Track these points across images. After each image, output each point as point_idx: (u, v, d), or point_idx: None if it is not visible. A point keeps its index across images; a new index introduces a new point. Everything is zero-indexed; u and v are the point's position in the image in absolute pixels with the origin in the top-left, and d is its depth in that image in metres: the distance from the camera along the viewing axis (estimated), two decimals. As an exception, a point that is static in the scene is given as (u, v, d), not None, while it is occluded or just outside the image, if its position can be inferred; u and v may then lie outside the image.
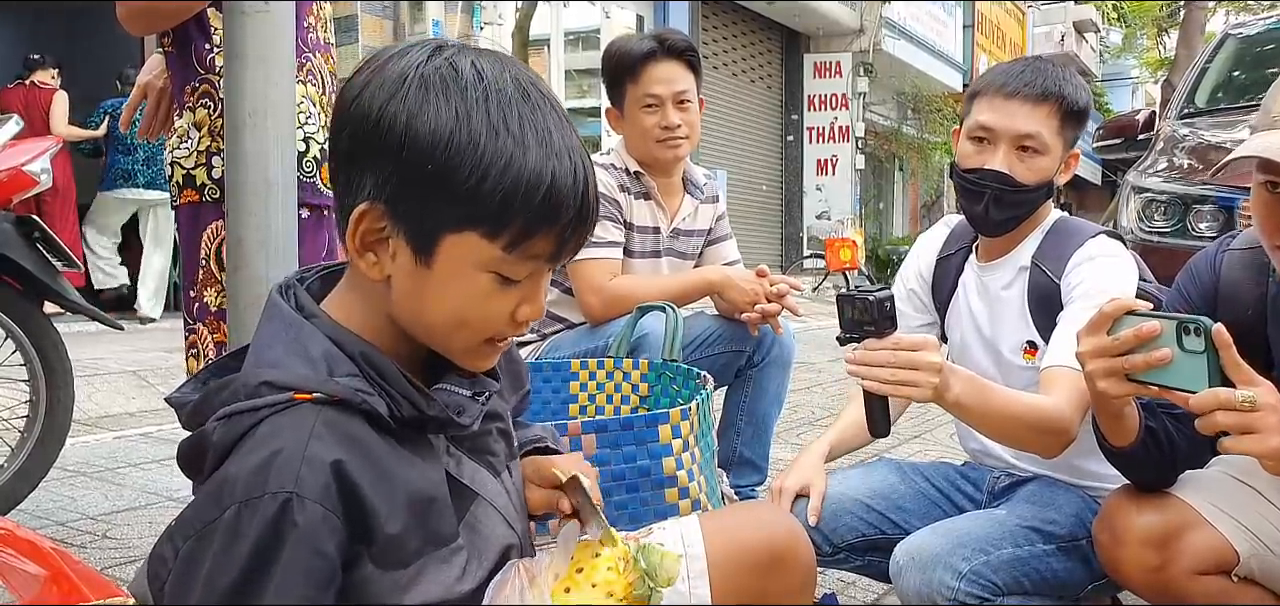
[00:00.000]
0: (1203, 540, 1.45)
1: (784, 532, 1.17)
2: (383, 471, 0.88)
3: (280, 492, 0.81)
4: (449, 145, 0.86)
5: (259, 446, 0.84)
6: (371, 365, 0.91)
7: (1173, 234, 3.41)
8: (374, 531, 0.87)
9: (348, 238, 0.92)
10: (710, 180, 2.64)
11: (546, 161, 0.88)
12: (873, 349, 1.44)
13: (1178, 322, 1.17)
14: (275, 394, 0.87)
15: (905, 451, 3.52)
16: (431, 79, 0.88)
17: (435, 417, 0.94)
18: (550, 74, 10.59)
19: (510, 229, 0.88)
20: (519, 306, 0.93)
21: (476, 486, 0.99)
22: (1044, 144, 1.70)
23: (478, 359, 0.97)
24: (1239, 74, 4.53)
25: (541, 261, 0.92)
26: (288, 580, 0.81)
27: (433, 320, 0.93)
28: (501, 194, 0.86)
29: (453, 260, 0.89)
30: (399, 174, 0.87)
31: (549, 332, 2.47)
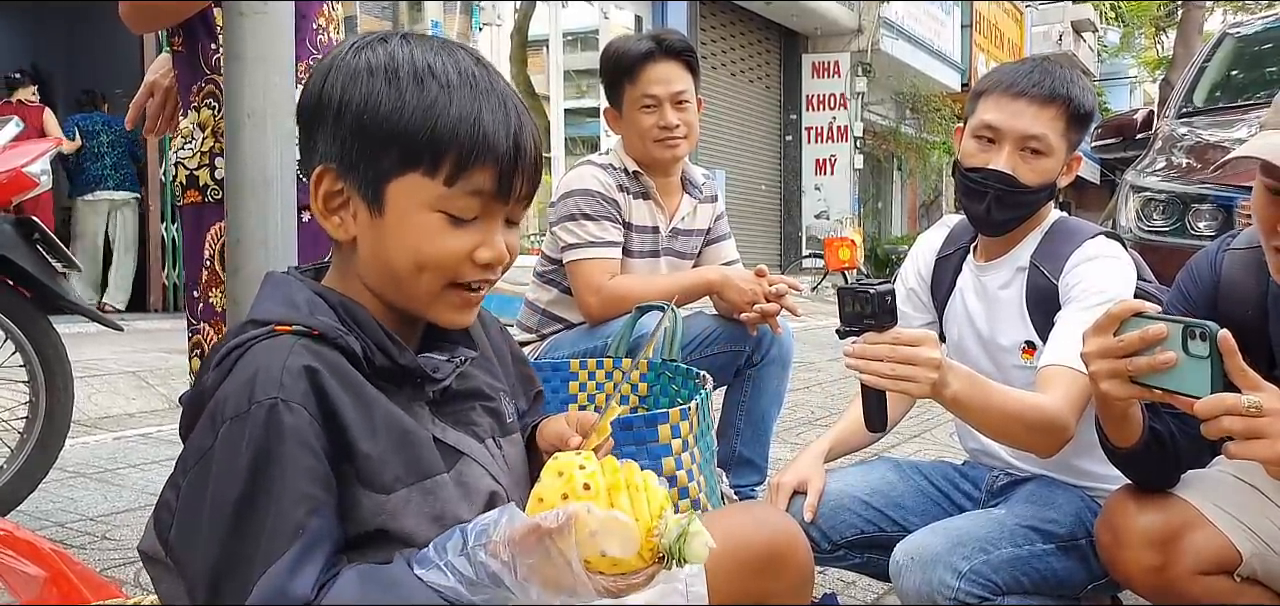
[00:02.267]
0: (1205, 540, 1.45)
1: (782, 533, 1.17)
2: (358, 393, 0.93)
3: (266, 400, 0.87)
4: (380, 98, 0.94)
5: (243, 369, 0.90)
6: (349, 313, 0.98)
7: (1171, 233, 3.41)
8: (352, 447, 0.91)
9: (312, 202, 0.99)
10: (709, 180, 2.64)
11: (473, 99, 0.95)
12: (872, 342, 1.44)
13: (1184, 326, 1.17)
14: (258, 329, 0.94)
15: (905, 451, 3.52)
16: (364, 52, 0.97)
17: (408, 367, 0.99)
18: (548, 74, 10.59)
19: (446, 164, 0.94)
20: (476, 248, 0.98)
21: (462, 447, 1.03)
22: (1048, 146, 1.69)
23: (449, 310, 1.01)
24: (1237, 73, 4.53)
25: (487, 198, 0.96)
26: (288, 479, 0.86)
27: (396, 268, 0.98)
28: (430, 131, 0.94)
29: (401, 204, 0.96)
30: (341, 134, 0.96)
31: (548, 333, 2.47)
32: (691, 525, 0.88)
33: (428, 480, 0.96)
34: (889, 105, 16.96)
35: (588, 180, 2.35)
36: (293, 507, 0.86)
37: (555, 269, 2.44)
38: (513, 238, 1.02)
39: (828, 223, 14.49)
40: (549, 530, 0.83)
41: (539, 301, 2.50)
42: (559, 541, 0.83)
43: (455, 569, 0.86)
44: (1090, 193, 18.32)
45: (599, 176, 2.36)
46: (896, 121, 17.20)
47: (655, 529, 0.88)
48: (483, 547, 0.85)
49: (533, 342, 2.47)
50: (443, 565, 0.87)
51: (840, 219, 14.47)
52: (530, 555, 0.83)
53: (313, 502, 0.87)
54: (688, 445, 1.68)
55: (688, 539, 0.87)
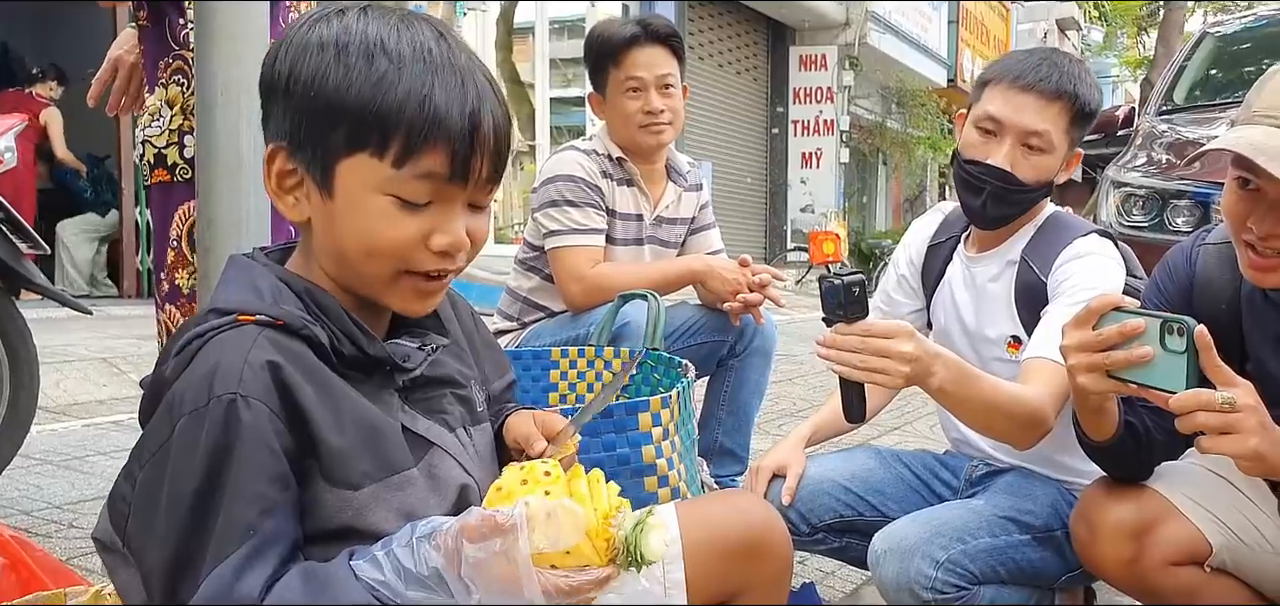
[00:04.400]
0: (1176, 532, 1.46)
1: (760, 521, 1.17)
2: (324, 386, 0.91)
3: (225, 395, 0.85)
4: (327, 74, 0.90)
5: (203, 361, 0.88)
6: (315, 301, 0.95)
7: (1150, 228, 3.43)
8: (317, 442, 0.89)
9: (265, 181, 0.96)
10: (694, 168, 2.62)
11: (424, 75, 0.90)
12: (843, 333, 1.43)
13: (1161, 322, 1.17)
14: (220, 318, 0.91)
15: (886, 441, 3.53)
16: (317, 26, 0.93)
17: (377, 357, 0.96)
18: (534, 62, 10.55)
19: (394, 145, 0.90)
20: (431, 234, 0.93)
21: (432, 437, 1.01)
22: (1050, 143, 1.68)
23: (408, 298, 0.98)
24: (1216, 72, 4.57)
25: (440, 181, 0.91)
26: (244, 478, 0.84)
27: (347, 252, 0.95)
28: (377, 109, 0.89)
29: (349, 186, 0.92)
30: (291, 112, 0.93)
31: (530, 321, 2.46)
32: (650, 518, 0.86)
33: (396, 476, 0.94)
34: (875, 100, 16.99)
35: (571, 166, 2.34)
36: (245, 507, 0.84)
37: (537, 256, 2.42)
38: (478, 222, 0.97)
39: (813, 216, 14.51)
40: (501, 525, 0.81)
41: (520, 289, 2.48)
42: (510, 536, 0.81)
43: (395, 558, 0.85)
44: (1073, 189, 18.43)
45: (582, 162, 2.34)
46: (882, 116, 17.23)
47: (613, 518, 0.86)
48: (428, 539, 0.84)
49: (514, 331, 2.46)
50: (381, 555, 0.85)
51: (825, 213, 14.49)
52: (479, 548, 0.82)
53: (267, 502, 0.85)
54: (668, 433, 1.67)
55: (645, 531, 0.85)
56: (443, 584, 0.83)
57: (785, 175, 15.07)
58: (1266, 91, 1.27)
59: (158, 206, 1.84)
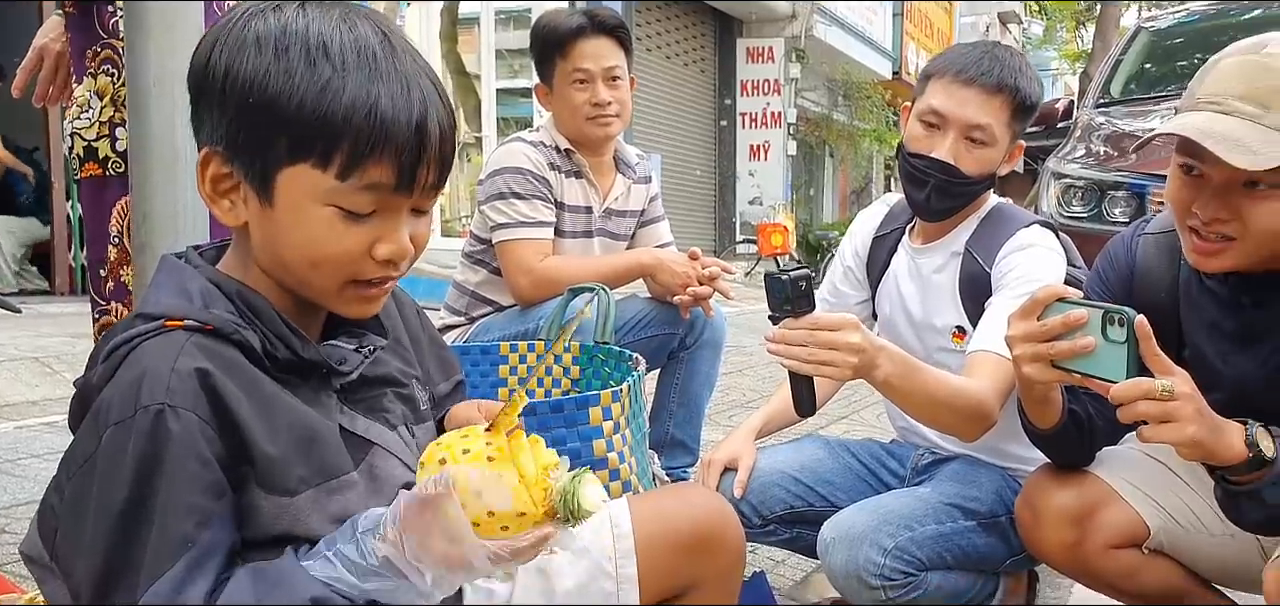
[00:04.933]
0: (1116, 516, 1.49)
1: (713, 514, 1.17)
2: (257, 393, 0.88)
3: (152, 405, 0.82)
4: (265, 79, 0.86)
5: (129, 369, 0.85)
6: (247, 303, 0.91)
7: (1089, 218, 3.51)
8: (250, 449, 0.86)
9: (199, 185, 0.92)
10: (643, 160, 2.61)
11: (369, 84, 0.86)
12: (791, 328, 1.44)
13: (1103, 312, 1.20)
14: (148, 323, 0.88)
15: (835, 431, 3.56)
16: (254, 21, 0.88)
17: (312, 361, 0.94)
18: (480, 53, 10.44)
19: (338, 156, 0.86)
20: (375, 244, 0.90)
21: (372, 436, 0.99)
22: (993, 135, 1.70)
23: (351, 304, 0.95)
24: (1150, 66, 4.69)
25: (385, 192, 0.88)
26: (176, 490, 0.82)
27: (288, 261, 0.92)
28: (320, 119, 0.85)
29: (290, 196, 0.88)
30: (227, 115, 0.88)
31: (478, 316, 2.43)
32: (585, 472, 0.85)
33: (334, 480, 0.92)
34: (822, 92, 17.13)
35: (517, 157, 2.31)
36: (180, 520, 0.81)
37: (484, 249, 2.40)
38: (421, 227, 0.95)
39: (761, 208, 14.59)
40: (431, 498, 0.79)
41: (468, 283, 2.46)
42: (444, 508, 0.79)
43: (343, 555, 0.83)
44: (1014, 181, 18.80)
45: (529, 154, 2.32)
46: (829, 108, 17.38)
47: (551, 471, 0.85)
48: (370, 533, 0.83)
49: (462, 326, 2.43)
50: (329, 554, 0.84)
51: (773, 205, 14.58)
52: (417, 530, 0.80)
53: (202, 514, 0.83)
54: (619, 427, 1.67)
55: (582, 483, 0.84)
56: (394, 570, 0.82)
57: (734, 167, 15.13)
58: (1210, 79, 1.29)
59: (89, 201, 1.77)
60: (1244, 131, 1.21)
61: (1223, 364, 1.40)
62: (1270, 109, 1.21)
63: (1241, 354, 1.39)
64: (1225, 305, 1.40)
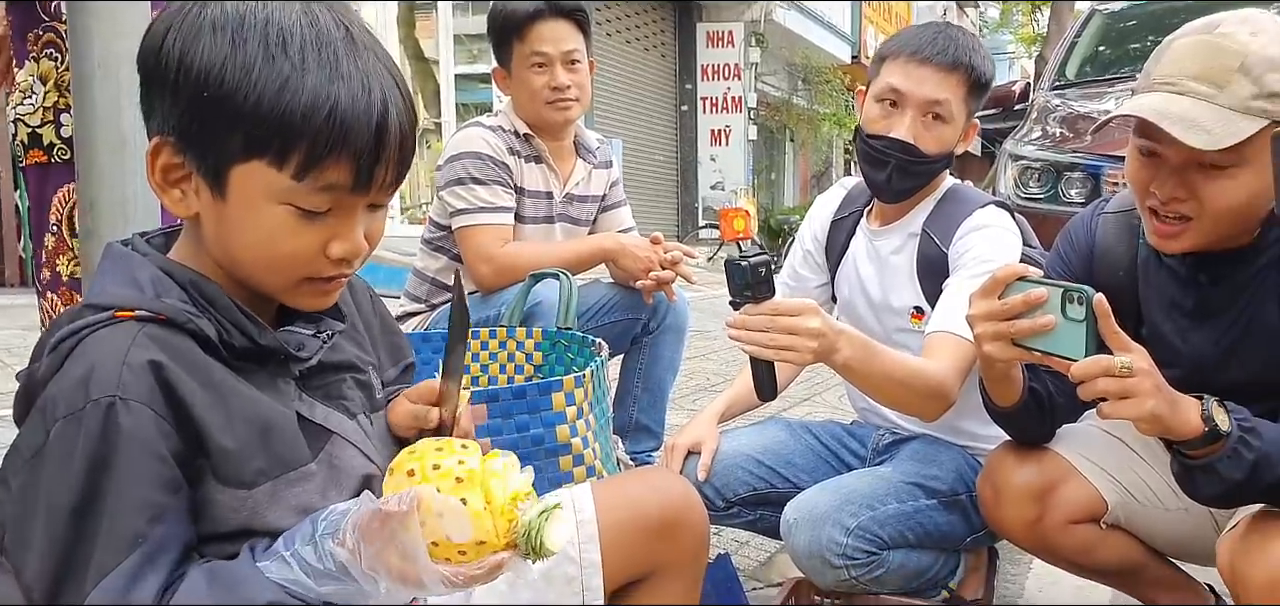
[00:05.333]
0: (1075, 492, 1.52)
1: (677, 497, 1.17)
2: (212, 384, 0.86)
3: (103, 398, 0.80)
4: (222, 72, 0.83)
5: (77, 362, 0.82)
6: (200, 292, 0.89)
7: (1046, 199, 3.56)
8: (207, 441, 0.84)
9: (148, 174, 0.89)
10: (603, 145, 2.60)
11: (329, 84, 0.84)
12: (752, 313, 1.44)
13: (1063, 291, 1.21)
14: (97, 314, 0.85)
15: (796, 412, 3.59)
16: (209, 9, 0.85)
17: (269, 347, 0.91)
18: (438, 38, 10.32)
19: (295, 156, 0.84)
20: (329, 243, 0.89)
21: (330, 425, 0.97)
22: (950, 112, 1.71)
23: (305, 298, 0.94)
24: (1104, 49, 4.75)
25: (342, 192, 0.87)
26: (128, 485, 0.80)
27: (240, 257, 0.90)
28: (278, 118, 0.83)
29: (244, 193, 0.86)
30: (180, 106, 0.85)
31: (438, 303, 2.40)
32: (556, 509, 0.84)
33: (293, 471, 0.90)
34: (782, 76, 17.19)
35: (476, 143, 2.28)
36: (132, 516, 0.79)
37: (444, 236, 2.37)
38: (376, 223, 0.93)
39: (723, 193, 14.62)
40: (391, 514, 0.78)
41: (427, 270, 2.43)
42: (402, 527, 0.78)
43: (300, 557, 0.82)
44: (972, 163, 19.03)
45: (488, 139, 2.29)
46: (789, 93, 17.45)
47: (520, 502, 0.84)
48: (330, 536, 0.81)
49: (422, 313, 2.40)
50: (287, 555, 0.82)
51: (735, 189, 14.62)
52: (375, 541, 0.79)
53: (155, 509, 0.81)
54: (583, 413, 1.66)
55: (549, 520, 0.83)
56: (349, 576, 0.81)
57: (695, 152, 15.15)
58: (1165, 59, 1.30)
59: (35, 189, 1.73)
60: (1199, 111, 1.23)
61: (1180, 340, 1.42)
62: (1224, 88, 1.23)
63: (1198, 330, 1.41)
64: (1183, 283, 1.42)
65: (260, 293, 0.94)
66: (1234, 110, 1.22)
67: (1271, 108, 1.22)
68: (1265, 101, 1.22)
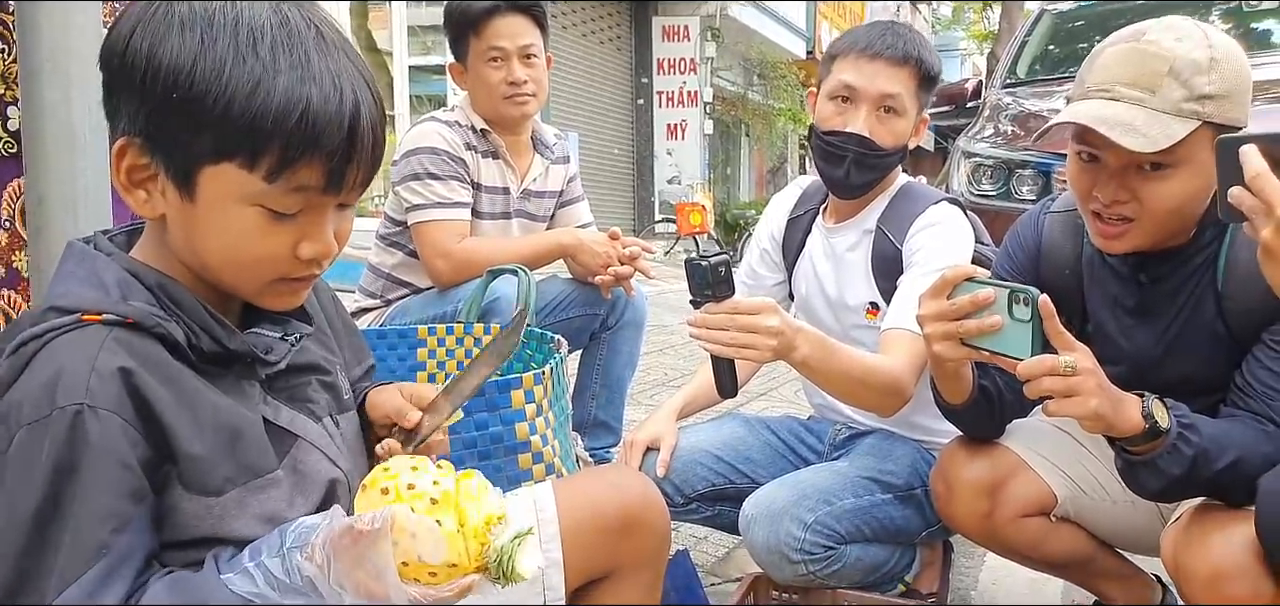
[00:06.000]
0: (1026, 486, 1.55)
1: (638, 495, 1.17)
2: (181, 390, 0.84)
3: (69, 406, 0.78)
4: (192, 73, 0.81)
5: (43, 367, 0.80)
6: (168, 294, 0.88)
7: (998, 196, 3.62)
8: (175, 448, 0.83)
9: (113, 175, 0.88)
10: (561, 140, 2.59)
11: (301, 86, 0.83)
12: (712, 313, 1.45)
13: (1009, 291, 1.24)
14: (61, 317, 0.83)
15: (754, 407, 3.61)
16: (178, 8, 0.84)
17: (237, 351, 0.91)
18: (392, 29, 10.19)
19: (267, 158, 0.83)
20: (299, 243, 0.88)
21: (296, 429, 0.96)
22: (903, 105, 1.74)
23: (275, 298, 0.93)
24: (1054, 47, 4.84)
25: (313, 193, 0.86)
26: (93, 494, 0.78)
27: (209, 259, 0.89)
28: (250, 120, 0.82)
29: (214, 195, 0.85)
30: (147, 106, 0.84)
31: (394, 298, 2.38)
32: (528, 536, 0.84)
33: (259, 479, 0.89)
34: (737, 71, 17.25)
35: (432, 138, 2.27)
36: (96, 526, 0.78)
37: (400, 231, 2.35)
38: (345, 222, 0.93)
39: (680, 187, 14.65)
40: (364, 533, 0.78)
41: (383, 265, 2.40)
42: (373, 546, 0.78)
43: (267, 569, 0.80)
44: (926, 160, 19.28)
45: (444, 134, 2.27)
46: (744, 88, 17.52)
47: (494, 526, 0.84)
48: (299, 549, 0.80)
49: (377, 308, 2.38)
50: (251, 567, 0.81)
51: (691, 184, 14.65)
52: (345, 560, 0.78)
53: (120, 519, 0.79)
54: (542, 410, 1.66)
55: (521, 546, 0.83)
56: (316, 591, 0.80)
57: (651, 146, 15.14)
58: (1096, 68, 1.34)
59: None
60: (1133, 115, 1.26)
61: (1123, 338, 1.46)
62: (1156, 93, 1.27)
63: (1140, 328, 1.45)
64: (1125, 281, 1.46)
65: (228, 293, 0.93)
66: (1167, 113, 1.26)
67: (1202, 109, 1.26)
68: (1196, 104, 1.26)
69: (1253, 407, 1.30)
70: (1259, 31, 4.34)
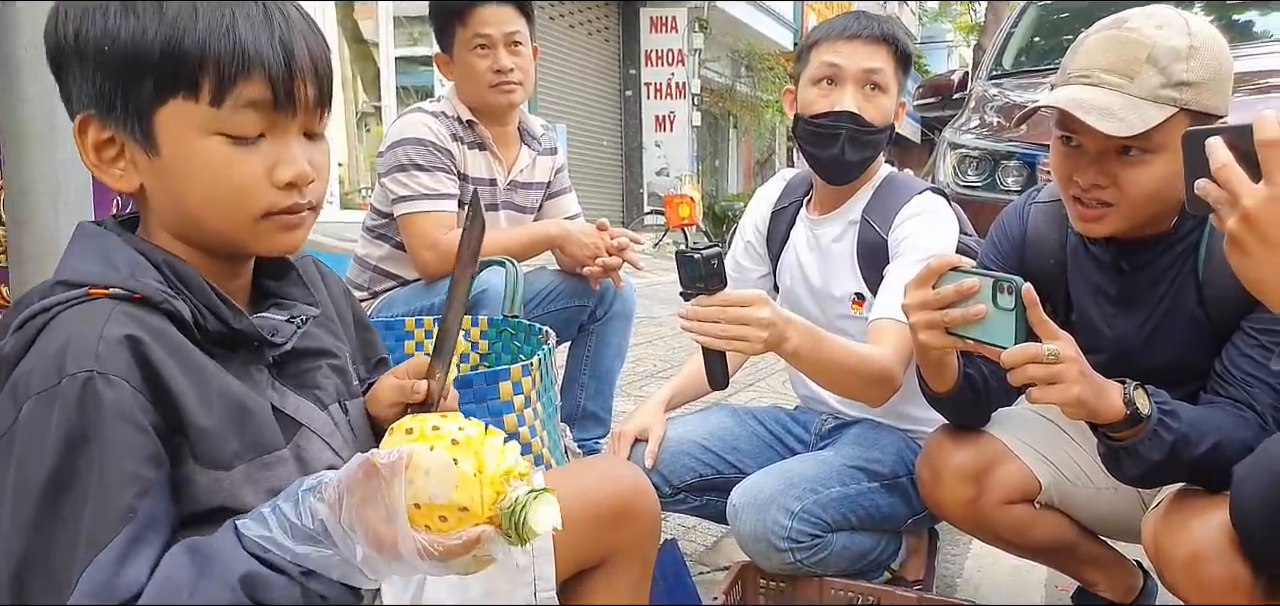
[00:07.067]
0: (1011, 473, 1.56)
1: (629, 486, 1.18)
2: (190, 363, 0.85)
3: (79, 372, 0.78)
4: (118, 23, 0.85)
5: (51, 338, 0.80)
6: (176, 273, 0.89)
7: (984, 187, 3.64)
8: (186, 420, 0.84)
9: (83, 156, 0.90)
10: (548, 131, 2.59)
11: (222, 8, 0.86)
12: (704, 305, 1.46)
13: (993, 281, 1.25)
14: (69, 290, 0.84)
15: (741, 398, 3.63)
16: None
17: (243, 332, 0.91)
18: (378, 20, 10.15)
19: (206, 82, 0.85)
20: (274, 168, 0.89)
21: (300, 417, 0.96)
22: (887, 81, 1.76)
23: (273, 238, 0.93)
24: (1039, 39, 4.86)
25: (266, 110, 0.88)
26: (112, 460, 0.78)
27: (192, 209, 0.90)
28: (178, 50, 0.84)
29: (173, 136, 0.87)
30: (88, 75, 0.86)
31: (381, 290, 2.38)
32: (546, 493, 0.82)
33: (267, 455, 0.90)
34: (725, 63, 17.26)
35: (418, 128, 2.26)
36: (119, 490, 0.78)
37: (386, 223, 2.34)
38: (318, 153, 0.93)
39: (668, 179, 14.66)
40: (380, 466, 0.77)
41: (369, 257, 2.40)
42: (389, 483, 0.77)
43: (281, 512, 0.80)
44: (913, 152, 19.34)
45: (431, 125, 2.27)
46: (732, 79, 17.53)
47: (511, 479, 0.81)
48: (312, 491, 0.80)
49: (365, 300, 2.37)
50: (267, 511, 0.81)
51: (680, 175, 14.66)
52: (358, 492, 0.77)
53: (142, 483, 0.79)
54: (530, 401, 1.66)
55: (535, 501, 0.81)
56: (329, 536, 0.79)
57: (640, 138, 15.14)
58: (1079, 54, 1.36)
59: None
60: (1112, 101, 1.28)
61: (1106, 326, 1.48)
62: (1134, 79, 1.28)
63: (1122, 316, 1.46)
64: (1107, 270, 1.47)
65: (231, 269, 0.94)
66: (1145, 99, 1.28)
67: (1180, 96, 1.28)
68: (1173, 90, 1.27)
69: (1232, 394, 1.31)
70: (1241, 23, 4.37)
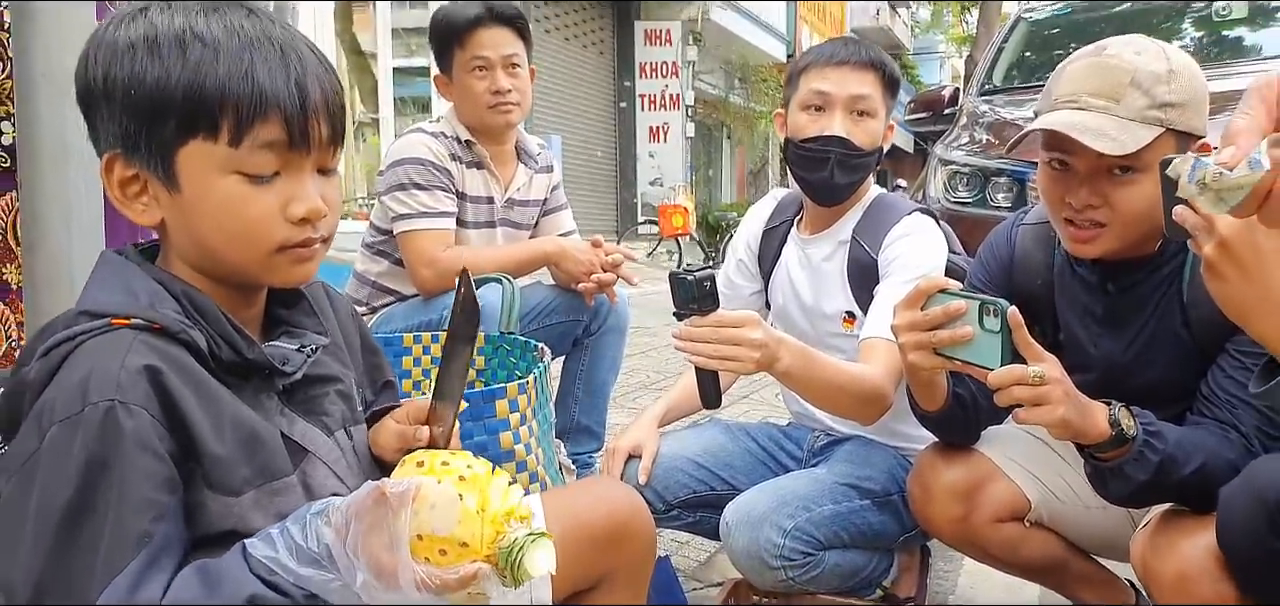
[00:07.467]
0: (1000, 491, 1.59)
1: (624, 507, 1.20)
2: (205, 392, 0.89)
3: (102, 401, 0.81)
4: (142, 67, 0.89)
5: (75, 368, 0.84)
6: (193, 303, 0.92)
7: (974, 204, 3.66)
8: (199, 447, 0.87)
9: (109, 191, 0.94)
10: (544, 149, 2.62)
11: (242, 53, 0.90)
12: (697, 325, 1.48)
13: (980, 303, 1.27)
14: (92, 320, 0.87)
15: (733, 413, 3.65)
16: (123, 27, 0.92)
17: (256, 361, 0.95)
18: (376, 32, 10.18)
19: (226, 123, 0.89)
20: (288, 205, 0.93)
21: (307, 444, 0.99)
22: (875, 106, 1.79)
23: (286, 271, 0.96)
24: (1029, 54, 4.90)
25: (281, 150, 0.92)
26: (128, 486, 0.81)
27: (209, 243, 0.93)
28: (202, 93, 0.89)
29: (193, 174, 0.91)
30: (115, 117, 0.91)
31: (379, 306, 2.40)
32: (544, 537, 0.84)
33: (276, 482, 0.93)
34: (719, 75, 17.31)
35: (418, 148, 2.29)
36: (136, 516, 0.81)
37: (385, 239, 2.37)
38: (330, 188, 0.97)
39: (662, 190, 14.69)
40: (387, 495, 0.80)
41: (369, 273, 2.42)
42: (396, 513, 0.80)
43: (288, 534, 0.83)
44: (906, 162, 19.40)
45: (430, 145, 2.30)
46: (725, 91, 17.59)
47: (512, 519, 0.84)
48: (320, 515, 0.83)
49: (363, 316, 2.39)
50: (274, 533, 0.84)
51: (674, 186, 14.69)
52: (365, 518, 0.80)
53: (158, 509, 0.82)
54: (526, 419, 1.68)
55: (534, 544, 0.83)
56: (333, 560, 0.82)
57: (634, 149, 15.18)
58: (1063, 81, 1.39)
59: None
60: (1104, 123, 1.32)
61: (1093, 346, 1.50)
62: (1121, 101, 1.32)
63: (1109, 337, 1.49)
64: (1094, 291, 1.50)
65: (245, 300, 0.97)
66: (1133, 120, 1.31)
67: (1165, 116, 1.32)
68: (1159, 110, 1.31)
69: (1217, 415, 1.34)
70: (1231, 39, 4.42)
